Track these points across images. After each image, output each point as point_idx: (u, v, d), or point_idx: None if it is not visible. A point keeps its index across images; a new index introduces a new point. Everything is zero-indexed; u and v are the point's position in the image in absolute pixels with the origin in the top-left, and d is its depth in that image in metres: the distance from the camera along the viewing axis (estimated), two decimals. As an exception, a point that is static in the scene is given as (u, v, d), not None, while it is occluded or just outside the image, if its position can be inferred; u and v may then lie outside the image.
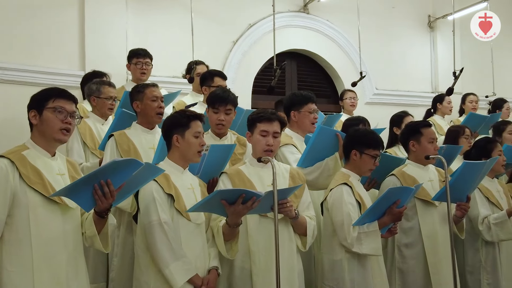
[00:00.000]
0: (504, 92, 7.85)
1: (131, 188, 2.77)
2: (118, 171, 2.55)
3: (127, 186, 2.67)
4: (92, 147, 4.30)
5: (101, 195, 2.56)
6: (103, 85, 4.47)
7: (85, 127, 4.34)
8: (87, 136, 4.32)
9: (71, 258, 2.71)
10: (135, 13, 6.32)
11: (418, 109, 7.07)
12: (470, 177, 3.81)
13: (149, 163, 2.78)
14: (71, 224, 2.74)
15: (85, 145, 4.31)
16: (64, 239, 2.68)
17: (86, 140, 4.31)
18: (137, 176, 2.66)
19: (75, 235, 2.75)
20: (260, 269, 3.20)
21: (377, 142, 3.60)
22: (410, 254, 3.87)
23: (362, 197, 3.55)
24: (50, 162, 2.75)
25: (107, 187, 2.55)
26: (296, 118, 4.08)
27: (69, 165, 2.87)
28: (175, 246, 2.94)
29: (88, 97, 4.51)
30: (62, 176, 2.76)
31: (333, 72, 7.71)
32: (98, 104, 4.46)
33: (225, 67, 6.78)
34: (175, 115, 3.27)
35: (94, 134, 4.35)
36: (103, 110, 4.47)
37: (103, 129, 4.36)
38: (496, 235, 4.05)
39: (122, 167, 2.56)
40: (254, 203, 2.90)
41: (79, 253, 2.79)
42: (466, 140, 4.77)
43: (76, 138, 4.26)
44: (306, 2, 7.41)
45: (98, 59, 5.82)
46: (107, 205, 2.63)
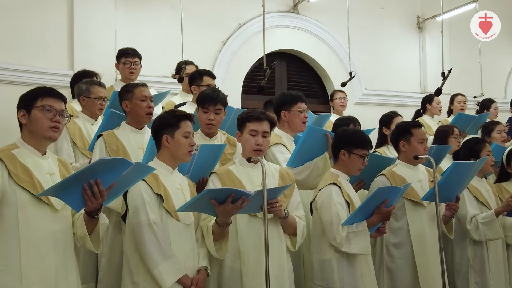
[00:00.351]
0: (492, 93, 7.93)
1: (121, 187, 2.76)
2: (107, 170, 2.54)
3: (118, 185, 2.65)
4: (81, 147, 4.28)
5: (91, 195, 2.55)
6: (93, 85, 4.45)
7: (75, 127, 4.32)
8: (77, 136, 4.29)
9: (61, 259, 2.69)
10: (124, 13, 6.30)
11: (407, 109, 7.11)
12: (460, 177, 3.83)
13: (139, 162, 2.77)
14: (61, 224, 2.72)
15: (74, 145, 4.29)
16: (54, 239, 2.66)
17: (76, 140, 4.28)
18: (127, 175, 2.65)
19: (65, 235, 2.74)
20: (250, 269, 3.20)
21: (365, 141, 3.62)
22: (399, 253, 3.89)
23: (351, 197, 3.56)
24: (41, 161, 2.73)
25: (96, 186, 2.54)
26: (287, 118, 4.09)
27: (60, 164, 2.85)
28: (164, 246, 2.93)
29: (78, 96, 4.50)
30: (52, 175, 2.74)
31: (322, 72, 7.73)
32: (87, 104, 4.44)
33: (215, 67, 6.78)
34: (165, 115, 3.27)
35: (83, 134, 4.33)
36: (93, 110, 4.45)
37: (93, 129, 4.34)
38: (484, 235, 4.07)
39: (111, 166, 2.54)
40: (244, 202, 2.90)
41: (69, 253, 2.77)
42: (455, 139, 4.80)
43: (66, 138, 4.23)
44: (295, 2, 7.43)
45: (87, 59, 5.80)
46: (97, 205, 2.61)
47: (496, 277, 4.15)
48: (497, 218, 4.07)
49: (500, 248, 4.27)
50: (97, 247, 2.81)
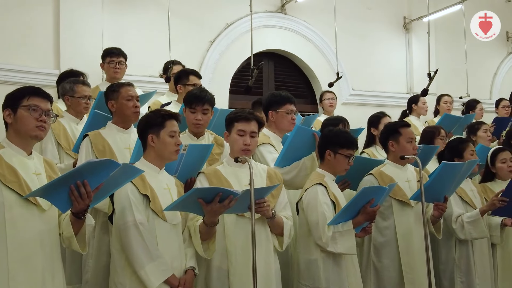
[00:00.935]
0: (477, 93, 8.00)
1: (109, 188, 2.74)
2: (94, 172, 2.52)
3: (105, 187, 2.63)
4: (66, 147, 4.23)
5: (77, 196, 2.53)
6: (77, 84, 4.38)
7: (59, 127, 4.26)
8: (61, 137, 4.24)
9: (48, 260, 2.66)
10: (111, 12, 6.27)
11: (394, 110, 7.14)
12: (448, 177, 3.85)
13: (127, 164, 2.76)
14: (48, 225, 2.69)
15: (59, 146, 4.23)
16: (41, 240, 2.63)
17: (60, 141, 4.22)
18: (114, 177, 2.63)
19: (52, 236, 2.71)
20: (237, 269, 3.20)
21: (351, 142, 3.63)
22: (385, 253, 3.91)
23: (336, 197, 3.58)
24: (27, 161, 2.70)
25: (83, 187, 2.52)
26: (274, 118, 4.09)
27: (46, 164, 2.83)
28: (151, 247, 2.91)
29: (62, 96, 4.44)
30: (39, 175, 2.71)
31: (310, 73, 7.75)
32: (72, 104, 4.39)
33: (202, 67, 6.77)
34: (150, 114, 3.25)
35: (68, 134, 4.28)
36: (78, 110, 4.40)
37: (78, 129, 4.29)
38: (469, 234, 4.11)
39: (98, 167, 2.52)
40: (231, 201, 2.89)
41: (56, 254, 2.74)
42: (441, 141, 4.83)
43: (50, 139, 4.18)
44: (283, 2, 7.44)
45: (73, 58, 5.77)
46: (84, 206, 2.59)
47: (481, 276, 4.19)
48: (482, 217, 4.11)
49: (486, 248, 4.31)
50: (83, 248, 2.79)
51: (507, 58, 9.45)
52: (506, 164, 4.52)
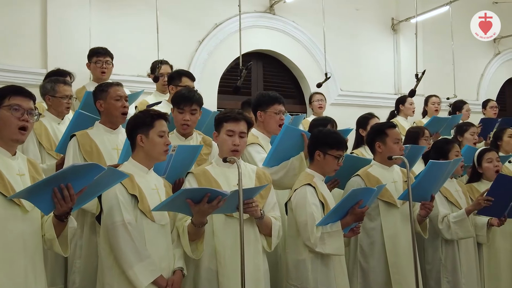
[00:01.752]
0: (464, 94, 8.05)
1: (94, 192, 2.72)
2: (79, 175, 2.50)
3: (90, 190, 2.62)
4: (48, 147, 4.15)
5: (61, 199, 2.50)
6: (58, 83, 4.30)
7: (41, 127, 4.18)
8: (43, 137, 4.16)
9: (30, 261, 2.63)
10: (99, 10, 6.24)
11: (382, 110, 7.18)
12: (435, 176, 3.88)
13: (112, 168, 2.74)
14: (32, 227, 2.67)
15: (40, 146, 4.15)
16: (24, 242, 2.60)
17: (42, 141, 4.14)
18: (100, 180, 2.61)
19: (35, 238, 2.68)
20: (226, 269, 3.19)
21: (340, 142, 3.64)
22: (372, 253, 3.92)
23: (325, 197, 3.59)
24: (10, 162, 2.67)
25: (67, 191, 2.50)
26: (262, 118, 4.09)
27: (30, 165, 2.80)
28: (139, 247, 2.90)
29: (43, 96, 4.35)
30: (22, 176, 2.68)
31: (298, 73, 7.76)
32: (53, 104, 4.31)
33: (191, 66, 6.76)
34: (139, 114, 3.24)
35: (50, 134, 4.21)
36: (59, 109, 4.31)
37: (60, 129, 4.22)
38: (455, 233, 4.13)
39: (83, 171, 2.50)
40: (220, 202, 2.89)
41: (38, 256, 2.72)
42: (425, 141, 4.86)
43: (32, 139, 4.08)
44: (272, 3, 7.45)
45: (60, 57, 5.74)
46: (67, 209, 2.57)
47: (467, 276, 4.21)
48: (468, 217, 4.14)
49: (472, 247, 4.34)
50: (65, 250, 2.77)
51: (494, 60, 9.53)
52: (492, 163, 4.57)
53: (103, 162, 3.63)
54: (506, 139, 5.61)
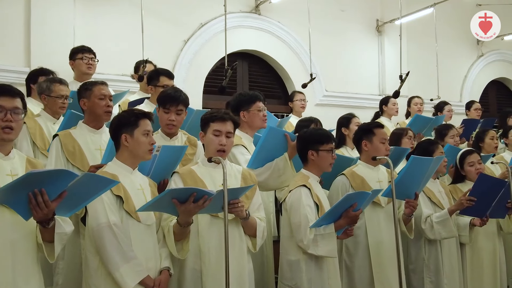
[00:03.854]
0: (448, 96, 8.12)
1: (81, 199, 2.67)
2: (51, 181, 2.41)
3: (77, 197, 2.57)
4: (42, 147, 4.11)
5: (35, 205, 2.43)
6: (54, 83, 4.29)
7: (36, 126, 4.15)
8: (37, 136, 4.12)
9: (20, 265, 2.58)
10: (83, 9, 6.20)
11: (366, 111, 7.24)
12: (418, 173, 3.91)
13: (92, 174, 2.69)
14: (23, 229, 2.60)
15: (34, 145, 4.11)
16: (12, 245, 2.55)
17: (36, 140, 4.10)
18: (83, 188, 2.55)
19: (26, 241, 2.62)
20: (210, 269, 3.19)
21: (328, 136, 3.69)
22: (356, 252, 3.95)
23: (320, 199, 3.60)
24: (1, 162, 2.63)
25: (40, 196, 2.42)
26: (246, 118, 4.09)
27: (28, 165, 2.73)
28: (125, 248, 2.89)
29: (39, 95, 4.35)
30: (14, 177, 2.59)
31: (284, 73, 7.78)
32: (49, 103, 4.29)
33: (176, 66, 6.74)
34: (123, 114, 3.21)
35: (44, 134, 4.17)
36: (54, 109, 4.30)
37: (54, 129, 4.18)
38: (438, 233, 4.16)
39: (54, 177, 2.41)
40: (206, 202, 2.88)
41: (31, 258, 2.65)
42: (408, 140, 4.89)
43: (26, 138, 4.06)
44: (257, 3, 7.45)
45: (44, 56, 5.68)
46: (42, 216, 2.48)
47: (449, 276, 4.25)
48: (451, 217, 4.17)
49: (454, 247, 4.37)
50: (50, 256, 2.68)
51: (477, 62, 9.64)
52: (474, 167, 4.60)
53: (86, 162, 3.61)
54: (488, 141, 5.66)
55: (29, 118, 4.22)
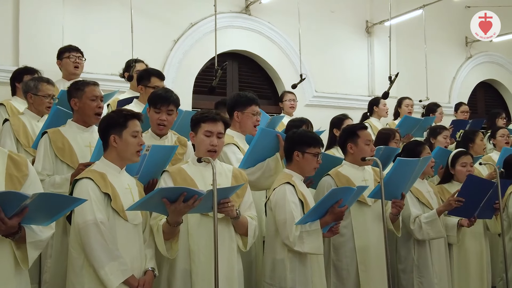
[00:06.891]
0: (437, 97, 8.17)
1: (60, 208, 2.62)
2: (4, 200, 2.34)
3: (50, 208, 2.52)
4: (25, 144, 4.12)
5: None
6: (41, 82, 4.29)
7: (19, 123, 4.17)
8: (21, 133, 4.14)
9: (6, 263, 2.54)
10: (72, 8, 6.15)
11: (356, 112, 7.25)
12: (404, 174, 3.93)
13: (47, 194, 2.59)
14: None
15: (18, 142, 4.13)
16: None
17: (19, 137, 4.12)
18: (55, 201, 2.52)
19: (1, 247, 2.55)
20: (200, 269, 3.18)
21: (317, 140, 3.67)
22: (344, 252, 3.96)
23: (305, 195, 3.60)
24: None
25: None
26: (239, 119, 4.10)
27: (10, 161, 2.64)
28: (111, 247, 2.88)
29: (25, 93, 4.34)
30: None
31: (273, 74, 7.77)
32: (35, 102, 4.29)
33: (166, 66, 6.72)
34: (112, 114, 3.19)
35: (28, 131, 4.18)
36: (40, 108, 4.30)
37: (38, 126, 4.19)
38: (427, 234, 4.18)
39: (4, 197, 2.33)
40: (196, 201, 2.88)
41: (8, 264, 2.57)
42: (395, 144, 4.93)
43: (9, 135, 4.09)
44: (247, 3, 7.44)
45: (32, 55, 5.64)
46: (4, 231, 2.41)
47: (439, 276, 4.27)
48: (439, 217, 4.20)
49: (443, 248, 4.40)
50: (23, 263, 2.60)
51: (465, 63, 9.68)
52: (465, 168, 4.63)
53: (75, 159, 3.60)
54: (478, 142, 5.69)
55: (13, 116, 4.22)
